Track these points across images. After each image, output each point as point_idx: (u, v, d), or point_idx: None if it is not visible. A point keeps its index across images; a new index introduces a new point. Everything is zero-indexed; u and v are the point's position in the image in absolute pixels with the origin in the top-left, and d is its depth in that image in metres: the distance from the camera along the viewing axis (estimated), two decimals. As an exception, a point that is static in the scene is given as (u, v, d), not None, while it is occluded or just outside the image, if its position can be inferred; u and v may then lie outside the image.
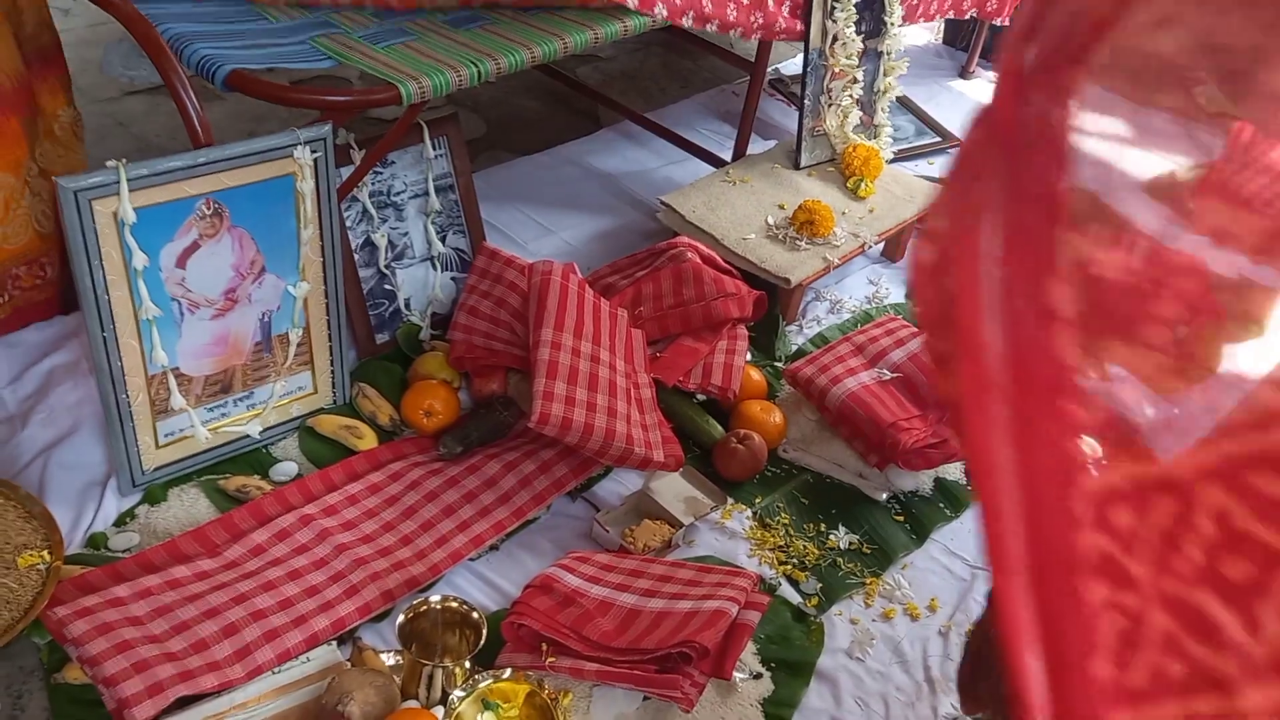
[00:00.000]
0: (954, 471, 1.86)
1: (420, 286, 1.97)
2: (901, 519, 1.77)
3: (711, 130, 2.78)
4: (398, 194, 1.92)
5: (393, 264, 1.93)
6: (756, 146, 2.56)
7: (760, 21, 2.12)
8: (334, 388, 1.78)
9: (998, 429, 0.36)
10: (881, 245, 2.36)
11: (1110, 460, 0.36)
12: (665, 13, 1.91)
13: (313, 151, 1.56)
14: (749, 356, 2.00)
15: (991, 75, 3.27)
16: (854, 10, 2.26)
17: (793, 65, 2.35)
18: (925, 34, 3.44)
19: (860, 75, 2.34)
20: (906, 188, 2.38)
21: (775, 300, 2.11)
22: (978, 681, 0.79)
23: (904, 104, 2.92)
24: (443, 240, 1.99)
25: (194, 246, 1.51)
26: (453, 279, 2.00)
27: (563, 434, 1.62)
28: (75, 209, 1.37)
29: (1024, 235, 0.40)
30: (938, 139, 2.87)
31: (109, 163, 1.40)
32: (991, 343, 0.37)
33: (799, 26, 2.22)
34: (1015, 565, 0.36)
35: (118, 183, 1.39)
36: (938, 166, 2.77)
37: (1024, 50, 0.46)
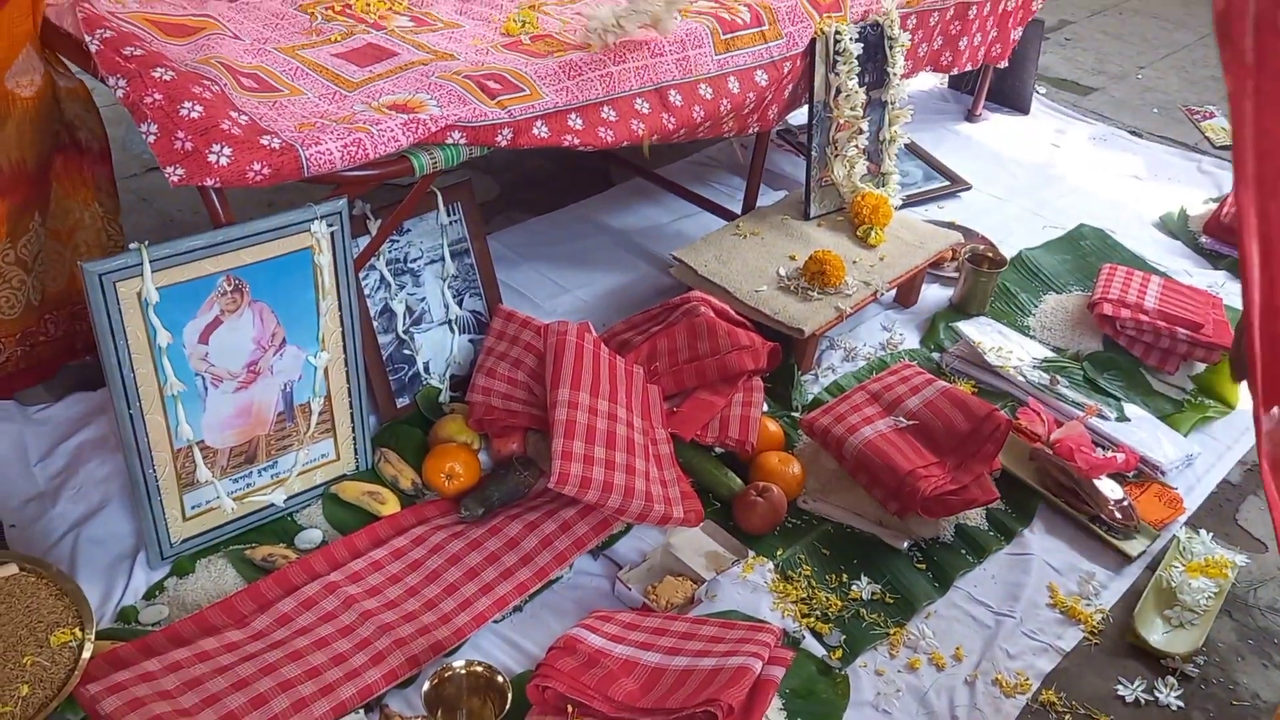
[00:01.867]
0: (974, 518, 1.86)
1: (439, 350, 2.00)
2: (923, 567, 1.77)
3: (721, 184, 2.82)
4: (414, 260, 1.96)
5: (411, 329, 1.96)
6: (766, 198, 2.60)
7: (756, 124, 2.21)
8: (356, 454, 1.80)
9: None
10: (894, 292, 2.37)
11: None
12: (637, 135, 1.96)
13: (329, 225, 1.60)
14: (766, 408, 2.02)
15: (997, 117, 3.30)
16: (856, 63, 2.29)
17: (799, 115, 2.39)
18: (931, 79, 3.47)
19: (865, 125, 2.37)
20: (916, 234, 2.41)
21: (790, 351, 2.12)
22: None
23: (911, 149, 2.95)
24: (459, 303, 2.02)
25: (216, 322, 1.55)
26: (470, 341, 2.03)
27: (582, 492, 1.63)
28: (100, 292, 1.41)
29: None
30: (946, 183, 2.89)
31: (131, 245, 1.44)
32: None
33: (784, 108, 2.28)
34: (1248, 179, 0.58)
35: (140, 265, 1.43)
36: (947, 210, 2.80)
37: None
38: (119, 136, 2.41)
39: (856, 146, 2.38)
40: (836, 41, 2.27)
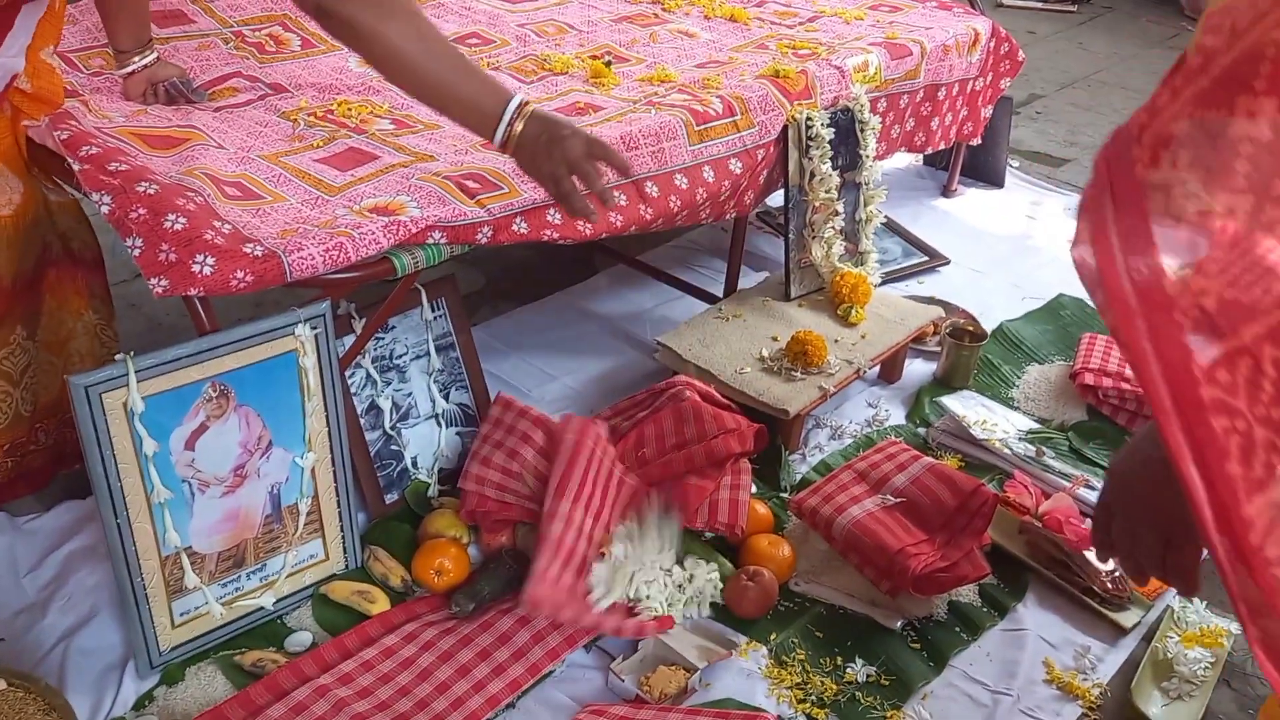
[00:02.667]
0: (967, 594, 1.86)
1: (426, 444, 2.01)
2: (918, 647, 1.76)
3: (703, 267, 2.86)
4: (399, 356, 1.98)
5: (398, 425, 1.97)
6: (747, 280, 2.63)
7: (733, 210, 2.28)
8: (345, 553, 1.80)
9: (1142, 338, 0.62)
10: (877, 369, 2.40)
11: (1208, 342, 0.61)
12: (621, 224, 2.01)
13: (313, 328, 1.62)
14: (754, 490, 2.02)
15: (971, 191, 3.36)
16: (829, 147, 2.34)
17: (776, 198, 2.44)
18: (906, 157, 3.54)
19: (841, 207, 2.42)
20: (896, 310, 2.44)
21: (776, 431, 2.14)
22: (1110, 522, 1.02)
23: (889, 226, 3.00)
24: (446, 397, 2.04)
25: (202, 428, 1.56)
26: (458, 434, 2.04)
27: (554, 617, 1.65)
28: (86, 403, 1.42)
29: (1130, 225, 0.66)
30: (925, 258, 2.93)
31: (118, 356, 1.46)
32: (1127, 289, 0.64)
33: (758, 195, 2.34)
34: (1169, 410, 0.61)
35: (126, 375, 1.44)
36: (927, 286, 2.83)
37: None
38: (108, 243, 2.44)
39: (833, 228, 2.42)
40: (808, 127, 2.32)
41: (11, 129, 1.71)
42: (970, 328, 2.48)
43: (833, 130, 2.36)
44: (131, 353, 1.46)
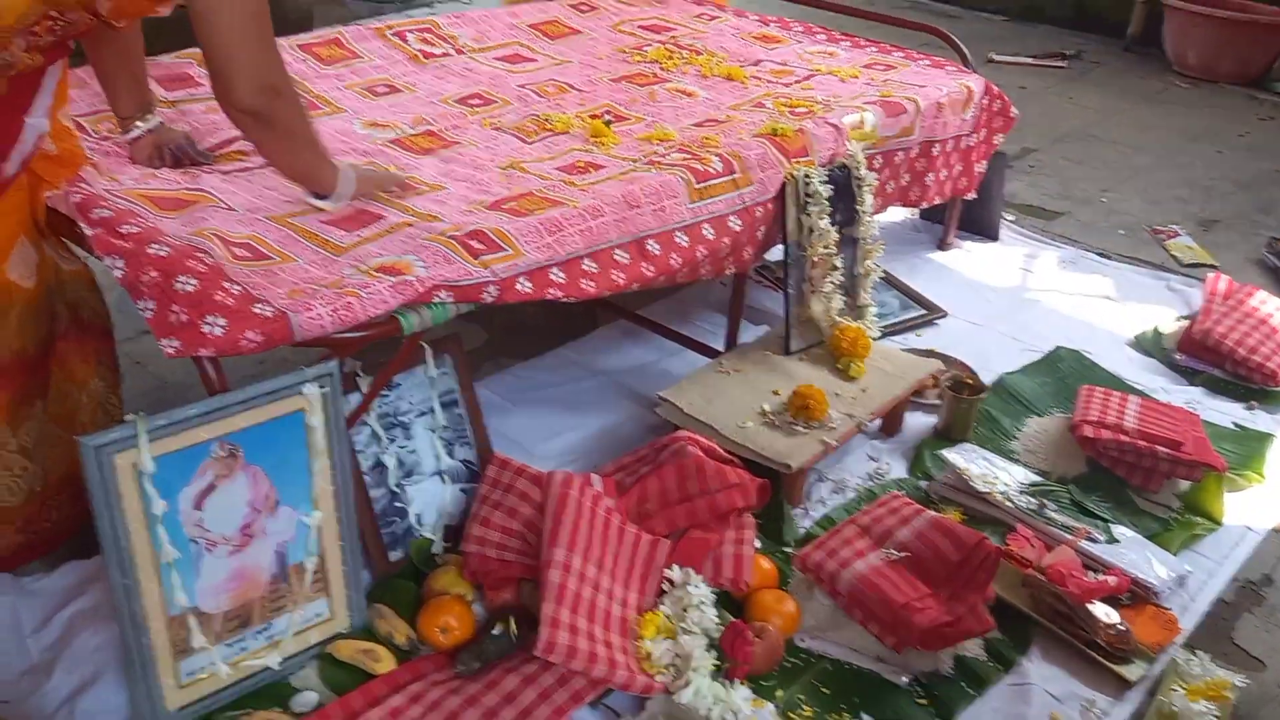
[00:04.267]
0: (972, 648, 1.86)
1: (431, 501, 2.01)
2: (925, 703, 1.76)
3: (704, 321, 2.88)
4: (404, 414, 1.99)
5: (403, 482, 1.98)
6: (747, 333, 2.66)
7: (732, 266, 2.32)
8: (350, 611, 1.80)
9: None
10: (878, 422, 2.41)
11: None
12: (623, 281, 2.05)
13: (320, 387, 1.64)
14: (758, 544, 2.03)
15: (968, 244, 3.40)
16: (826, 204, 2.38)
17: (775, 250, 2.48)
18: (902, 211, 3.58)
19: (839, 262, 2.45)
20: (896, 364, 2.46)
21: (779, 486, 2.15)
22: None
23: (887, 280, 3.02)
24: (450, 454, 2.05)
25: (210, 488, 1.57)
26: (462, 490, 2.05)
27: (567, 661, 1.64)
28: (96, 464, 1.43)
29: None
30: (923, 311, 2.96)
31: (128, 417, 1.47)
32: None
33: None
34: None
35: (136, 436, 1.46)
36: (926, 339, 2.86)
37: None
38: (114, 300, 2.47)
39: (832, 283, 2.45)
40: (806, 184, 2.36)
41: (31, 198, 1.74)
42: (969, 381, 2.50)
43: (830, 187, 2.39)
44: (141, 413, 1.47)
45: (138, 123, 2.04)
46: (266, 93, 1.63)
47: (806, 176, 2.36)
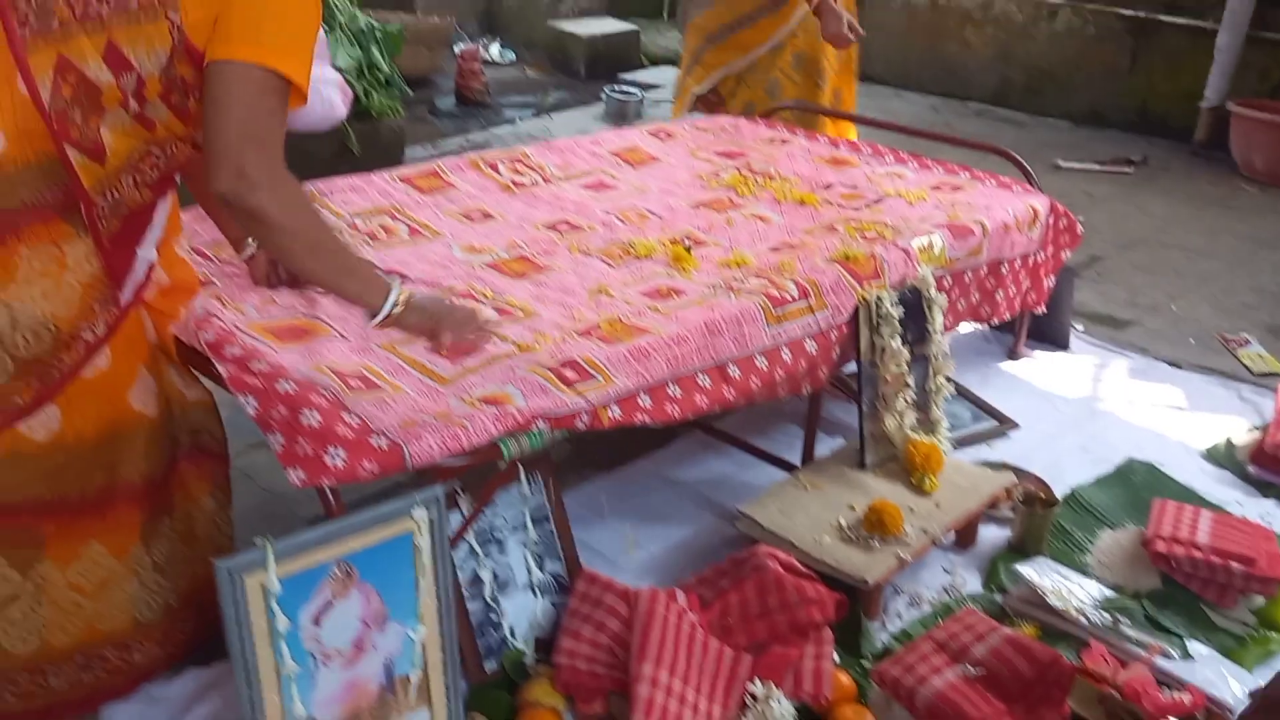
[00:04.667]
0: (1049, 766, 1.90)
1: (523, 614, 2.12)
2: (1003, 820, 1.80)
3: (779, 432, 2.98)
4: (499, 530, 2.11)
5: (497, 595, 2.09)
6: (823, 444, 2.75)
7: (808, 385, 2.42)
8: (449, 720, 1.90)
9: None
10: (953, 535, 2.48)
11: None
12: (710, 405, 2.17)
13: (428, 510, 1.77)
14: (836, 659, 2.09)
15: (1038, 354, 3.46)
16: (898, 325, 2.48)
17: (850, 363, 2.59)
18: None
19: (911, 380, 2.54)
20: (969, 478, 2.53)
21: (856, 600, 2.22)
22: None
23: (958, 391, 3.11)
24: (541, 568, 2.16)
25: (327, 605, 1.69)
26: (552, 604, 2.15)
27: None
28: (230, 585, 1.57)
29: None
30: (994, 423, 3.03)
31: (257, 540, 1.61)
32: None
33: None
34: None
35: (265, 558, 1.59)
36: (998, 450, 2.92)
37: None
38: (225, 418, 2.65)
39: (904, 399, 2.54)
40: (878, 307, 2.47)
41: (157, 330, 1.91)
42: (1042, 494, 2.55)
43: (901, 309, 2.50)
44: (270, 536, 1.61)
45: (249, 241, 2.18)
46: (243, 180, 1.58)
47: (878, 300, 2.47)
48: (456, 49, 6.66)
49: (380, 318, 1.78)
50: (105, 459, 1.78)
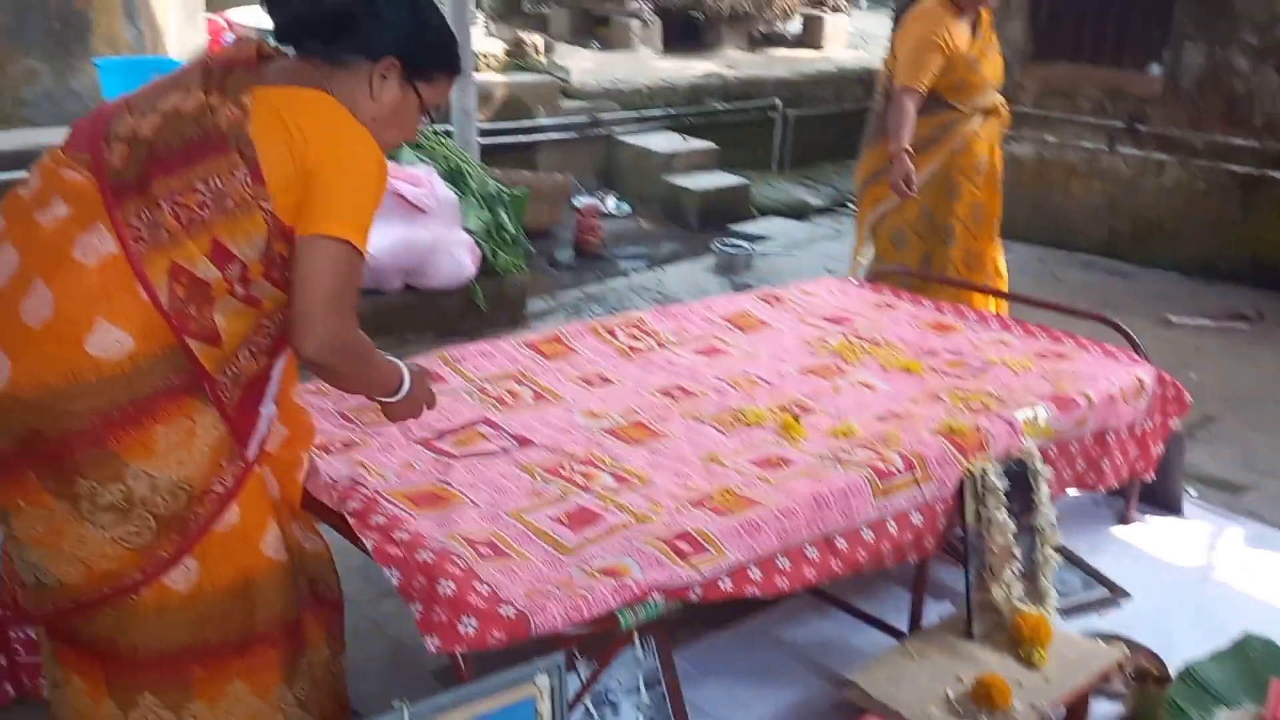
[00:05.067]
0: None
1: (635, 775, 2.19)
2: None
3: (886, 594, 3.02)
4: (613, 692, 2.21)
5: (610, 757, 2.18)
6: (930, 609, 2.78)
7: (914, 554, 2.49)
8: None
9: None
10: (1062, 710, 2.47)
11: None
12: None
13: (549, 677, 1.88)
14: (943, 836, 2.11)
15: (1150, 519, 3.45)
16: (1003, 497, 2.54)
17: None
18: (1080, 482, 3.68)
19: (1017, 551, 2.58)
20: (1079, 651, 2.53)
21: (964, 774, 2.23)
22: None
23: (1067, 556, 3.11)
24: (652, 730, 2.24)
25: (455, 765, 1.81)
26: (663, 766, 2.23)
27: None
28: (370, 744, 1.70)
29: None
30: (1105, 592, 3.02)
31: (394, 702, 1.74)
32: None
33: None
34: None
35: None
36: (1109, 620, 2.91)
37: None
38: (356, 566, 2.82)
39: (1012, 571, 2.58)
40: (983, 479, 2.54)
41: (280, 480, 2.04)
42: (1154, 670, 2.54)
43: (1006, 481, 2.56)
44: (405, 699, 1.74)
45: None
46: (337, 354, 1.83)
47: (983, 472, 2.54)
48: (576, 203, 7.03)
49: (397, 398, 2.04)
50: (242, 604, 1.93)
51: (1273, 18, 6.02)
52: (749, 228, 7.36)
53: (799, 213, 8.09)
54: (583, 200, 7.09)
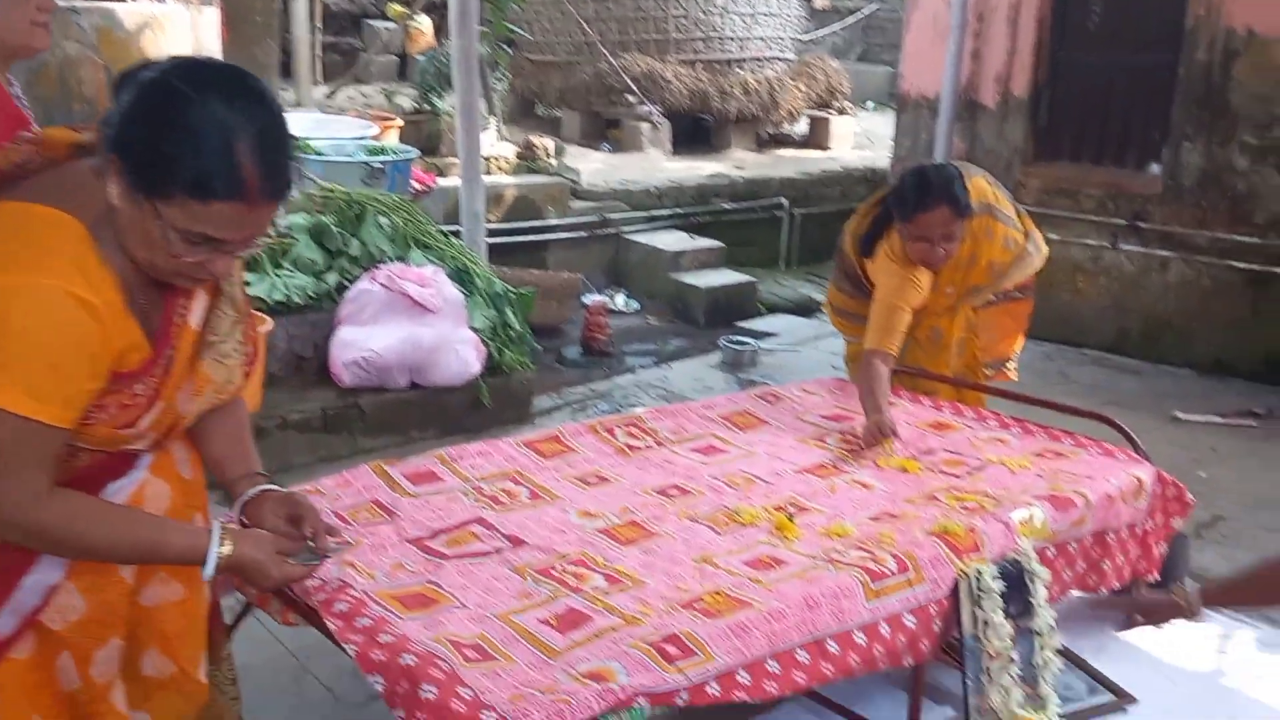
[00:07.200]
0: None
1: None
2: None
3: (885, 698, 2.95)
4: (602, 800, 2.17)
5: None
6: (929, 712, 2.73)
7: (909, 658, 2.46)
8: None
9: None
10: (1065, 821, 2.41)
11: None
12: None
13: (533, 785, 1.85)
14: None
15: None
16: (1000, 599, 2.52)
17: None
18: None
19: (1016, 654, 2.55)
20: (1081, 759, 2.48)
21: None
22: None
23: (1070, 659, 3.05)
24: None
25: None
26: None
27: None
28: None
29: None
30: (1110, 697, 2.96)
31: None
32: None
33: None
34: None
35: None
36: (1115, 727, 2.85)
37: None
38: (349, 666, 2.80)
39: (1010, 675, 2.54)
40: (978, 580, 2.51)
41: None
42: (1160, 779, 2.48)
43: (1003, 582, 2.53)
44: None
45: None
46: (11, 530, 1.57)
47: (978, 573, 2.51)
48: (585, 301, 7.11)
49: (209, 568, 1.71)
50: None
51: (1271, 118, 6.11)
52: (756, 324, 7.41)
53: (806, 310, 8.16)
54: (591, 298, 7.17)
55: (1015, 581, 2.59)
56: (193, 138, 1.49)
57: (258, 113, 1.55)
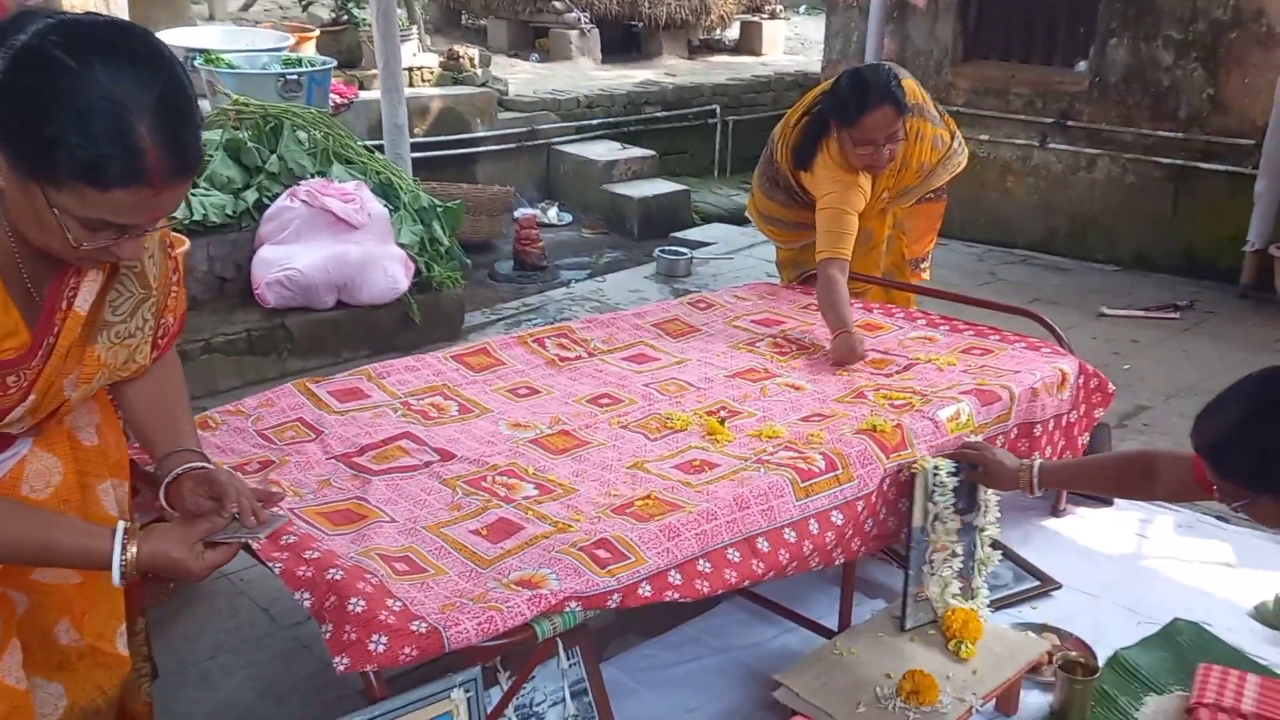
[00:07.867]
0: None
1: (562, 788, 2.17)
2: None
3: (823, 595, 3.01)
4: (538, 704, 2.18)
5: (537, 769, 2.15)
6: (862, 605, 2.80)
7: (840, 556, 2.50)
8: None
9: None
10: (992, 703, 2.48)
11: None
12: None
13: (465, 691, 1.86)
14: (873, 834, 2.11)
15: (1080, 510, 3.48)
16: (952, 494, 2.55)
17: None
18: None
19: (959, 549, 2.60)
20: (1007, 645, 2.55)
21: (893, 772, 2.24)
22: None
23: (999, 548, 3.13)
24: (580, 741, 2.22)
25: (370, 787, 1.77)
26: (591, 778, 2.20)
27: None
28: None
29: None
30: (1036, 583, 3.04)
31: (305, 724, 1.71)
32: None
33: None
34: None
35: (312, 742, 1.69)
36: (1040, 611, 2.93)
37: None
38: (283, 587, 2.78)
39: (950, 568, 2.59)
40: (934, 475, 2.54)
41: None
42: (1082, 659, 2.56)
43: (955, 478, 2.57)
44: (316, 721, 1.71)
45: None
46: None
47: (935, 468, 2.54)
48: (516, 214, 7.01)
49: (116, 570, 1.55)
50: None
51: (1194, 12, 6.13)
52: (691, 234, 7.37)
53: (741, 218, 8.11)
54: (523, 211, 7.06)
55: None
56: (79, 118, 1.29)
57: (152, 79, 1.35)
